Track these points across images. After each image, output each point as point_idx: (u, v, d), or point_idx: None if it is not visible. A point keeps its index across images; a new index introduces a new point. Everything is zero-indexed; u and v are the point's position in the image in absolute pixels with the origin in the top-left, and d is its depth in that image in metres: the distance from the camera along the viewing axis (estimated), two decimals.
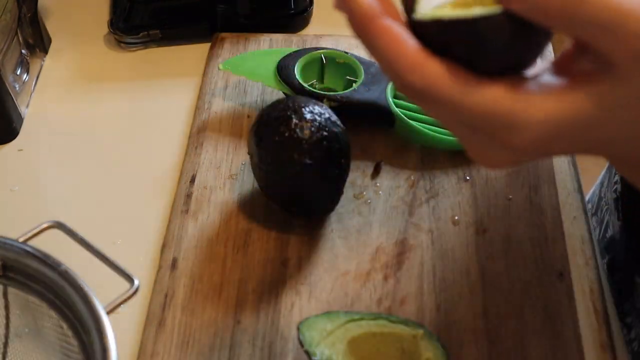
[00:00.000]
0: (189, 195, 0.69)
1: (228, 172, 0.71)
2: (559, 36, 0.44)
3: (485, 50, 0.39)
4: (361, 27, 0.40)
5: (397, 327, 0.57)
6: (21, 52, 0.78)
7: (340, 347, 0.55)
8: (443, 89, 0.40)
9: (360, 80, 0.73)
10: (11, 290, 0.56)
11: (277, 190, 0.64)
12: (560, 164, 0.71)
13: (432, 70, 0.40)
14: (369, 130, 0.73)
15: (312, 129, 0.62)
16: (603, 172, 0.88)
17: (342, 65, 0.75)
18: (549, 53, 0.79)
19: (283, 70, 0.73)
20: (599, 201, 0.85)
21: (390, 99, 0.72)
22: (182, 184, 0.70)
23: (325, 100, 0.71)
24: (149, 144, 0.75)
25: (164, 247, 0.66)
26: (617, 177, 0.81)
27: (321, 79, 0.76)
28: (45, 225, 0.58)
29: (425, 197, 0.68)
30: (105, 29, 0.85)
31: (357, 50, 0.80)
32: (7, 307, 0.57)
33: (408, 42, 0.40)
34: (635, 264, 0.76)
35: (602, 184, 0.86)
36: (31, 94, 0.79)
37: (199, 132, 0.74)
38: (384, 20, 0.40)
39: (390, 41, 0.39)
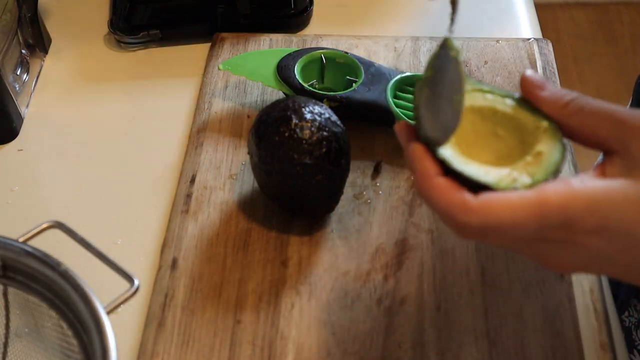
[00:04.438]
0: (189, 195, 0.69)
1: (228, 172, 0.71)
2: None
3: None
4: (421, 186, 0.48)
5: (522, 112, 0.51)
6: (21, 52, 0.78)
7: None
8: (501, 216, 0.45)
9: (360, 80, 0.73)
10: (11, 290, 0.56)
11: (277, 190, 0.64)
12: None
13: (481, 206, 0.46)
14: (369, 130, 0.73)
15: (312, 129, 0.62)
16: (600, 158, 0.88)
17: (342, 65, 0.75)
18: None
19: (283, 70, 0.73)
20: None
21: (390, 99, 0.72)
22: (182, 184, 0.70)
23: (325, 100, 0.71)
24: (149, 144, 0.75)
25: (164, 247, 0.66)
26: None
27: (321, 79, 0.76)
28: (45, 225, 0.58)
29: None
30: (105, 29, 0.85)
31: (357, 50, 0.80)
32: (7, 307, 0.57)
33: (456, 194, 0.47)
34: None
35: None
36: (31, 94, 0.79)
37: (199, 132, 0.74)
38: (437, 179, 0.47)
39: (442, 194, 0.47)
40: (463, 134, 0.50)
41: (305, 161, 0.62)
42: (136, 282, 0.55)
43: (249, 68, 0.74)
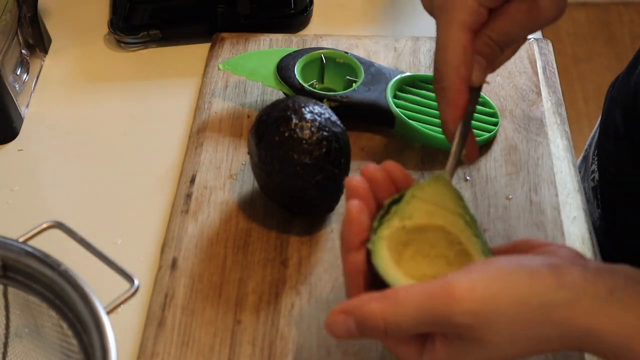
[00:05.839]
0: (189, 195, 0.69)
1: (228, 172, 0.71)
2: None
3: None
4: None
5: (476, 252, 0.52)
6: (21, 52, 0.78)
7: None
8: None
9: (360, 80, 0.73)
10: (11, 290, 0.56)
11: (277, 190, 0.64)
12: (560, 163, 0.71)
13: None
14: (369, 130, 0.73)
15: (312, 129, 0.62)
16: (578, 163, 0.89)
17: (342, 65, 0.75)
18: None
19: (283, 70, 0.73)
20: None
21: (390, 99, 0.72)
22: (182, 184, 0.70)
23: (325, 100, 0.71)
24: (149, 144, 0.75)
25: (164, 247, 0.66)
26: (594, 167, 0.82)
27: (321, 79, 0.76)
28: (45, 225, 0.58)
29: None
30: (105, 29, 0.85)
31: (357, 50, 0.80)
32: (7, 307, 0.57)
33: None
34: (617, 250, 0.76)
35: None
36: (31, 94, 0.79)
37: (199, 132, 0.74)
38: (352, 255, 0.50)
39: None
40: (422, 244, 0.52)
41: (305, 161, 0.62)
42: (136, 282, 0.55)
43: (249, 68, 0.74)
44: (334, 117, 0.64)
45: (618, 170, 0.78)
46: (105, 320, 0.50)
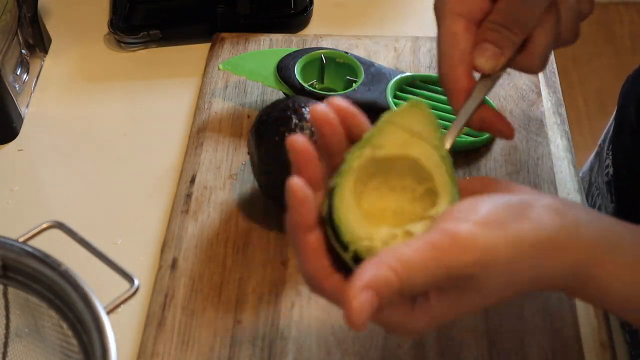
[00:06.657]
0: (189, 195, 0.69)
1: (228, 172, 0.71)
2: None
3: None
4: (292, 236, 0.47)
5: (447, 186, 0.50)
6: (21, 52, 0.78)
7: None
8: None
9: (360, 80, 0.73)
10: (11, 290, 0.56)
11: (277, 190, 0.64)
12: (560, 163, 0.71)
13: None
14: None
15: (312, 129, 0.62)
16: (592, 158, 0.89)
17: (342, 65, 0.75)
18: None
19: (283, 70, 0.73)
20: (590, 186, 0.86)
21: (390, 99, 0.72)
22: (182, 184, 0.70)
23: (325, 100, 0.70)
24: (149, 144, 0.75)
25: (164, 247, 0.66)
26: (608, 161, 0.82)
27: (321, 79, 0.76)
28: (45, 225, 0.58)
29: None
30: (105, 29, 0.85)
31: (357, 50, 0.80)
32: (7, 307, 0.57)
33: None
34: None
35: (591, 169, 0.87)
36: (31, 94, 0.79)
37: (199, 132, 0.74)
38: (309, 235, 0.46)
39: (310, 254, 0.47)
40: (391, 173, 0.49)
41: None
42: (136, 282, 0.55)
43: (249, 68, 0.74)
44: None
45: (633, 164, 0.78)
46: (105, 320, 0.50)
